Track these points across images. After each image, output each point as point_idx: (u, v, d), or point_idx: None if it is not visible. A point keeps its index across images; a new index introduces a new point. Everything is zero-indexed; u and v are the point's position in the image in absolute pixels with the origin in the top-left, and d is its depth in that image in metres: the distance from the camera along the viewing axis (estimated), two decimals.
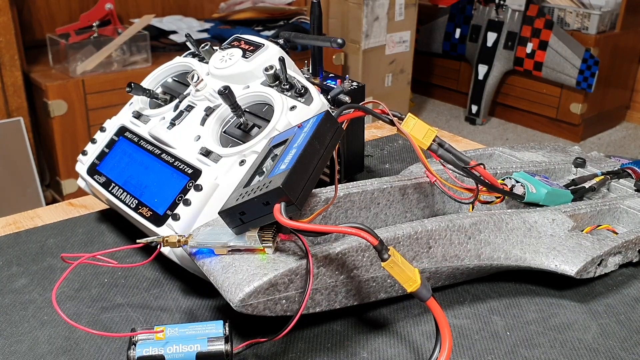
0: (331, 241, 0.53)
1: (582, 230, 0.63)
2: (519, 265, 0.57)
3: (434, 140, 0.58)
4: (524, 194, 0.62)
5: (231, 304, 0.46)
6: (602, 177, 0.71)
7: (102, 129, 0.70)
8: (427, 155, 0.59)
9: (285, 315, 0.48)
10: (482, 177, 0.58)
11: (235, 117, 0.62)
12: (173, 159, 0.61)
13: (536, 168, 0.71)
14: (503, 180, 0.64)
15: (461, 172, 0.58)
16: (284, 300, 0.47)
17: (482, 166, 0.58)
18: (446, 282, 0.58)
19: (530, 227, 0.59)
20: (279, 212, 0.44)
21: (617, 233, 0.64)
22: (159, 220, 0.58)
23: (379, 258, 0.44)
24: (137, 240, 0.51)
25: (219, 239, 0.49)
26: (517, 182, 0.63)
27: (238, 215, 0.48)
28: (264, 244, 0.49)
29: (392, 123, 0.58)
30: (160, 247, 0.52)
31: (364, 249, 0.50)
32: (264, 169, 0.51)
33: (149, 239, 0.51)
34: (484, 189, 0.59)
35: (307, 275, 0.47)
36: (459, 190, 0.60)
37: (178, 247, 0.51)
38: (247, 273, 0.47)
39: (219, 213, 0.49)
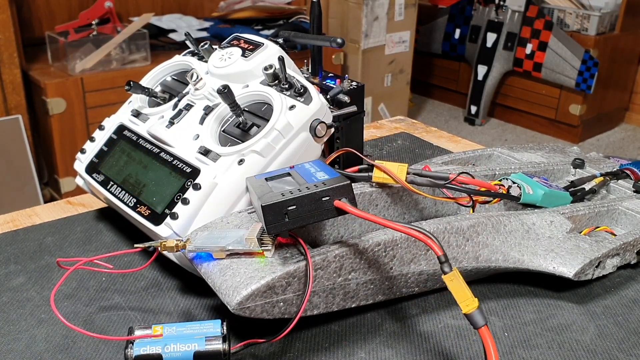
0: (328, 244, 0.53)
1: (581, 232, 0.63)
2: (517, 267, 0.57)
3: (408, 173, 0.57)
4: (520, 195, 0.62)
5: (229, 307, 0.46)
6: (602, 178, 0.70)
7: (101, 128, 0.69)
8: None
9: (283, 318, 0.48)
10: (470, 186, 0.58)
11: (234, 116, 0.61)
12: (172, 158, 0.61)
13: (535, 169, 0.71)
14: (500, 181, 0.64)
15: (449, 189, 0.58)
16: (281, 303, 0.47)
17: (465, 175, 0.58)
18: (444, 284, 0.58)
19: (528, 229, 0.59)
20: (346, 203, 0.47)
21: (615, 235, 0.64)
22: (157, 219, 0.58)
23: (440, 270, 0.44)
24: (135, 245, 0.51)
25: (218, 243, 0.49)
26: (514, 183, 0.63)
27: (285, 210, 0.47)
28: (262, 248, 0.48)
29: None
30: (157, 251, 0.51)
31: (362, 251, 0.50)
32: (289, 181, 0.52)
33: (146, 244, 0.51)
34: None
35: (306, 278, 0.47)
36: (458, 202, 0.60)
37: (176, 251, 0.51)
38: (244, 276, 0.47)
39: (263, 207, 0.47)
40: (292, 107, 0.59)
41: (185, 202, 0.56)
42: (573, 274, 0.56)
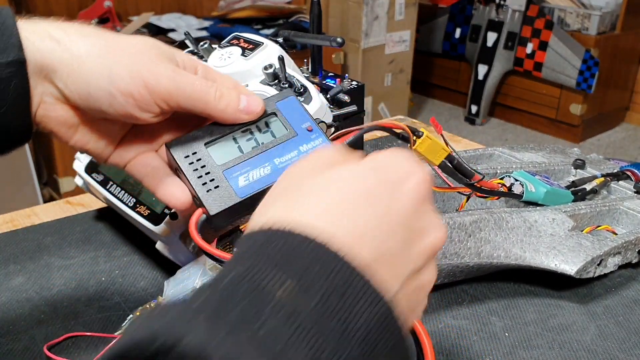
0: None
1: (582, 231, 0.63)
2: (519, 264, 0.57)
3: (445, 159, 0.56)
4: (522, 193, 0.62)
5: None
6: (602, 179, 0.70)
7: None
8: None
9: None
10: (482, 187, 0.58)
11: None
12: None
13: (536, 169, 0.71)
14: (502, 178, 0.63)
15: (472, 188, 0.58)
16: None
17: (483, 179, 0.57)
18: (445, 279, 0.58)
19: (530, 226, 0.59)
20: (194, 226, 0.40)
21: (616, 234, 0.63)
22: (156, 219, 0.58)
23: None
24: (115, 333, 0.50)
25: (187, 287, 0.48)
26: (516, 180, 0.63)
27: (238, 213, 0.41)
28: None
29: (406, 140, 0.56)
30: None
31: None
32: (249, 142, 0.43)
33: (123, 327, 0.50)
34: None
35: None
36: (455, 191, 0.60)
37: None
38: None
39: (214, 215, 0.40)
40: None
41: None
42: (575, 271, 0.56)
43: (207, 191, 0.40)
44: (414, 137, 0.53)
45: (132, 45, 0.39)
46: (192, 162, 0.41)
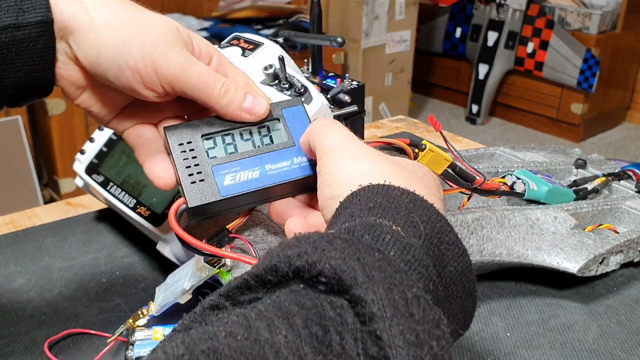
0: None
1: (584, 229, 0.62)
2: (521, 262, 0.57)
3: (447, 167, 0.56)
4: (524, 191, 0.62)
5: None
6: (604, 178, 0.70)
7: (101, 128, 0.69)
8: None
9: None
10: (484, 189, 0.58)
11: None
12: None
13: (537, 168, 0.71)
14: (504, 177, 0.63)
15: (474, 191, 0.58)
16: None
17: (485, 181, 0.57)
18: None
19: (532, 224, 0.59)
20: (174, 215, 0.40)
21: (618, 233, 0.63)
22: (157, 219, 0.57)
23: None
24: (108, 340, 0.50)
25: (177, 290, 0.48)
26: (518, 178, 0.62)
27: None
28: (218, 267, 0.47)
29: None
30: (131, 332, 0.49)
31: None
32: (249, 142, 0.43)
33: (117, 333, 0.49)
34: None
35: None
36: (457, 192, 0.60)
37: (147, 317, 0.49)
38: None
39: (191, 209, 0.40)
40: None
41: None
42: (577, 269, 0.56)
43: (192, 183, 0.40)
44: (417, 150, 0.54)
45: (152, 24, 0.40)
46: (185, 151, 0.41)
